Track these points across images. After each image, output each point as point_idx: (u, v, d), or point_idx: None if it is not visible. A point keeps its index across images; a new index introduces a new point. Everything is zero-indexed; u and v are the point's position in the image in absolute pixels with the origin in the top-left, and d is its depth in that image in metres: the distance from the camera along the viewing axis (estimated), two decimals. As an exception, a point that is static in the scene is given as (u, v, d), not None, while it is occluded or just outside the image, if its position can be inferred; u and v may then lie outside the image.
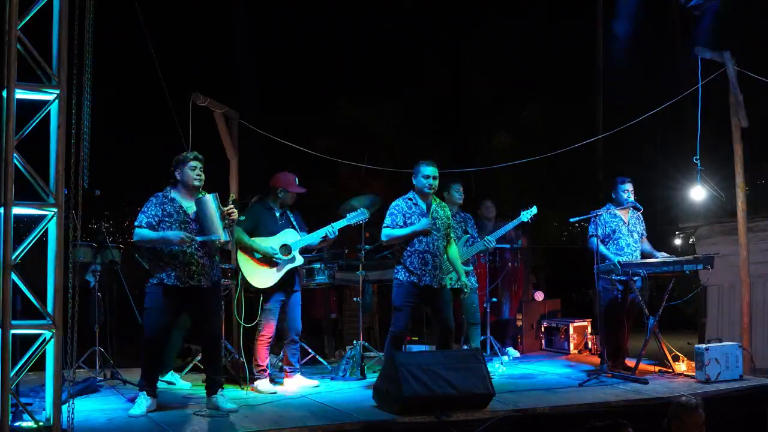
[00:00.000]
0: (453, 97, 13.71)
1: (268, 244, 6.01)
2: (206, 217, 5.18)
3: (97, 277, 6.49)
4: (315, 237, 6.13)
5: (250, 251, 5.99)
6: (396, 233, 5.90)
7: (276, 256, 5.97)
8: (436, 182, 5.97)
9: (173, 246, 5.13)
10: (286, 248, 6.05)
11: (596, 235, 6.69)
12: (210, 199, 5.19)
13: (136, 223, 5.22)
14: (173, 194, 5.28)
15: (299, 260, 6.10)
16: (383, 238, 5.98)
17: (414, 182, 6.04)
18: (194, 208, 5.25)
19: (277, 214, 6.17)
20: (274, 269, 6.01)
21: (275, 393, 5.91)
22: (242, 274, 6.02)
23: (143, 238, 5.16)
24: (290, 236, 6.11)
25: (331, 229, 6.10)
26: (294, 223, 6.21)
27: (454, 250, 6.12)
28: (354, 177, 11.78)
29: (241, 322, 6.11)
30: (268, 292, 6.04)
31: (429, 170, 5.93)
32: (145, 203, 5.26)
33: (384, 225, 5.97)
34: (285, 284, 6.07)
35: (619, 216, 6.85)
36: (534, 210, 7.14)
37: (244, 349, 6.15)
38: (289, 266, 6.04)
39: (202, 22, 13.84)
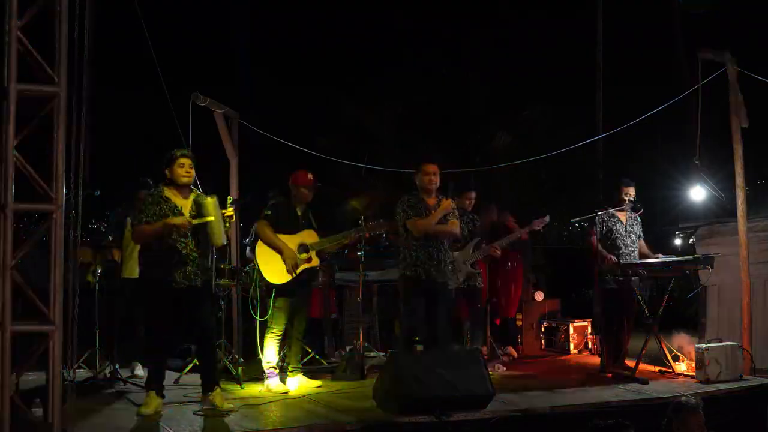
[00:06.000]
0: (453, 97, 13.70)
1: (287, 241, 6.02)
2: (209, 221, 5.21)
3: (97, 277, 6.48)
4: (332, 240, 6.16)
5: (275, 246, 5.99)
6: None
7: (298, 259, 5.99)
8: (437, 178, 6.07)
9: (170, 238, 5.13)
10: (303, 248, 6.06)
11: (595, 233, 6.71)
12: (212, 204, 5.23)
13: (135, 222, 5.27)
14: (167, 193, 5.28)
15: (315, 261, 6.12)
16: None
17: (416, 181, 6.13)
18: (188, 207, 5.27)
19: (299, 213, 6.19)
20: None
21: (287, 393, 5.88)
22: (258, 267, 6.03)
23: (146, 233, 5.17)
24: (309, 236, 6.13)
25: (351, 234, 6.16)
26: (314, 224, 6.24)
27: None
28: (354, 177, 11.77)
29: (257, 317, 6.13)
30: (280, 289, 6.04)
31: (429, 167, 6.07)
32: (140, 203, 5.30)
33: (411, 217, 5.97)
34: (298, 283, 6.07)
35: (617, 216, 6.87)
36: (546, 219, 7.19)
37: (254, 347, 6.17)
38: (304, 266, 6.05)
39: (202, 21, 13.85)
